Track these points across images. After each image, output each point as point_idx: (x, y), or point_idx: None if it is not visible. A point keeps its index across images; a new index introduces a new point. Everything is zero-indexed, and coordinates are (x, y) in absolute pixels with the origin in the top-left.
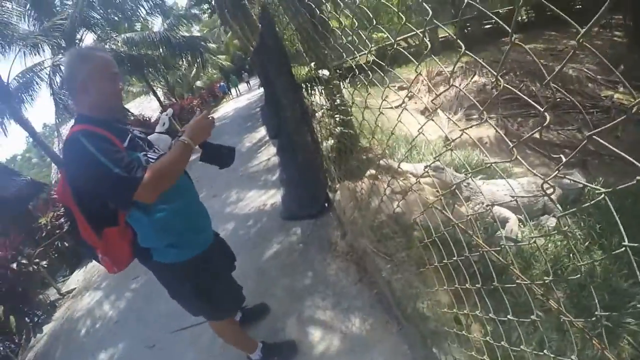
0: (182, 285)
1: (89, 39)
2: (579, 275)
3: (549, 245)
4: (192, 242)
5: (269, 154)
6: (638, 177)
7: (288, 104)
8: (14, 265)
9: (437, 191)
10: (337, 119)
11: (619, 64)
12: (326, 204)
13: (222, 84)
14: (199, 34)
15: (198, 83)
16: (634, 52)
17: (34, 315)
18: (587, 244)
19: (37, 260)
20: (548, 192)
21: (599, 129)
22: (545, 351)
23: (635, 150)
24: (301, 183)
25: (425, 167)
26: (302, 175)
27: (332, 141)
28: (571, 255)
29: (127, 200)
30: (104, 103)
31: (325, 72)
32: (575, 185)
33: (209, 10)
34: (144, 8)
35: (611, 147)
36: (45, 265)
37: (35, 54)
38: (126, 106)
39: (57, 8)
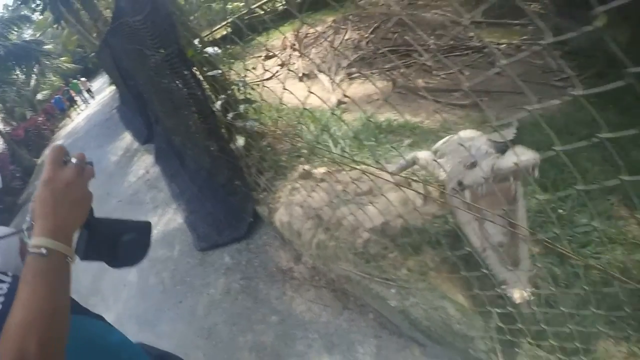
0: None
1: None
2: None
3: None
4: None
5: (145, 164)
6: None
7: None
8: None
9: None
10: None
11: (479, 3)
12: (251, 219)
13: (57, 97)
14: (32, 38)
15: (39, 96)
16: None
17: None
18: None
19: None
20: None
21: None
22: None
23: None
24: (213, 200)
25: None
26: (209, 190)
27: (242, 139)
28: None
29: None
30: None
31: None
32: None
33: (40, 7)
34: None
35: None
36: None
37: None
38: None
39: None
